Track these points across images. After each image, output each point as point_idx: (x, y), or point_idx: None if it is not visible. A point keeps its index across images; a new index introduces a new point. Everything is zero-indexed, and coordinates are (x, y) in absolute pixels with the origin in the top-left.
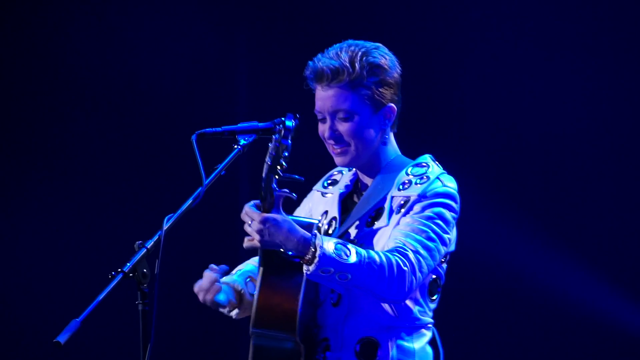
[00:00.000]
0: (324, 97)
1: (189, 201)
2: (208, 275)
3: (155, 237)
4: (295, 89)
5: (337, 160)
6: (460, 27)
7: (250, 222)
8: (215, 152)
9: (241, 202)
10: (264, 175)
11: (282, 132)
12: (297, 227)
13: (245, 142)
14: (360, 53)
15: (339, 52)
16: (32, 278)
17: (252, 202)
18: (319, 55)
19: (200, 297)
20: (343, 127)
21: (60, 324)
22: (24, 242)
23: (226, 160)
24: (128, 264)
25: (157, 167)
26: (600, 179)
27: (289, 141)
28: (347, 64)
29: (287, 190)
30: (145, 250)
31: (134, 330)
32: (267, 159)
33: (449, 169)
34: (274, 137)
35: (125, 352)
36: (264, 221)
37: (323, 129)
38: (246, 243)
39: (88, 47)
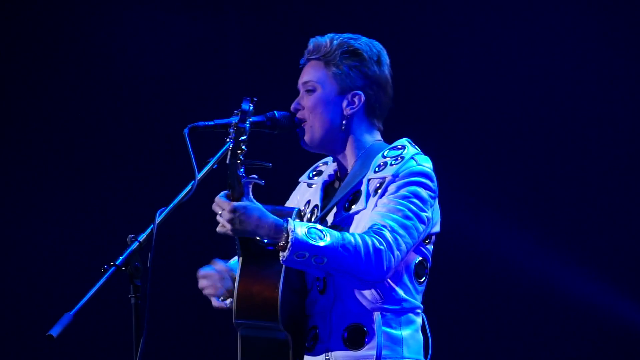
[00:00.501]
0: (303, 70)
1: (181, 195)
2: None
3: (148, 231)
4: (288, 82)
5: (301, 142)
6: (452, 19)
7: (220, 212)
8: (207, 145)
9: None
10: (227, 161)
11: (239, 115)
12: (268, 213)
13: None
14: (345, 36)
15: (331, 34)
16: (25, 272)
17: (223, 193)
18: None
19: (203, 285)
20: (307, 99)
21: (53, 318)
22: (16, 237)
23: (218, 154)
24: (120, 257)
25: (150, 160)
26: (594, 169)
27: (247, 124)
28: (327, 40)
29: (255, 176)
30: (138, 243)
31: (126, 324)
32: (229, 144)
33: (440, 157)
34: (232, 120)
35: (118, 345)
36: (233, 210)
37: None
38: (219, 228)
39: (76, 38)
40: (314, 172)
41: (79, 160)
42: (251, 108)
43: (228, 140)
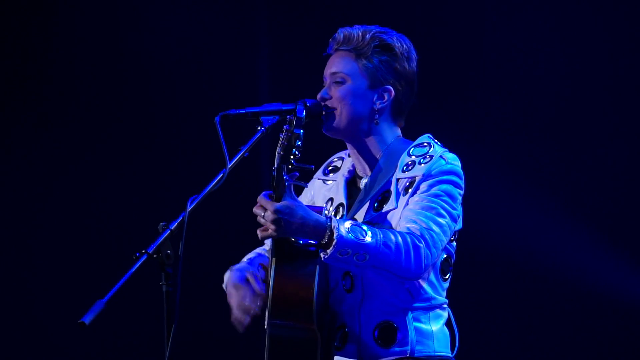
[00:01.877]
0: (329, 61)
1: (213, 182)
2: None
3: (179, 219)
4: (318, 70)
5: (324, 127)
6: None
7: (263, 214)
8: (239, 133)
9: (264, 183)
10: (275, 165)
11: (294, 121)
12: (310, 211)
13: (268, 123)
14: (377, 30)
15: (361, 26)
16: (59, 259)
17: (265, 193)
18: (345, 27)
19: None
20: (335, 90)
21: (86, 305)
22: (50, 224)
23: (250, 142)
24: (152, 245)
25: (181, 148)
26: (615, 153)
27: (301, 130)
28: (360, 32)
29: (297, 174)
30: (169, 231)
31: (158, 311)
32: (279, 149)
33: (458, 144)
34: (284, 127)
35: (150, 332)
36: (277, 210)
37: None
38: (261, 234)
39: (108, 27)
40: (330, 168)
41: (113, 147)
42: (304, 114)
43: (259, 128)
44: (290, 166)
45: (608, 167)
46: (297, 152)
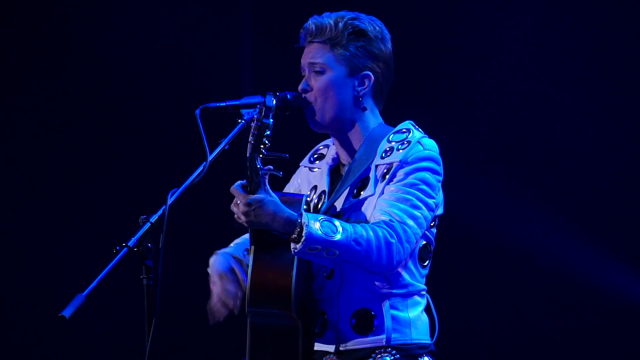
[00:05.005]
0: (305, 52)
1: (193, 176)
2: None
3: (160, 212)
4: (300, 62)
5: (311, 123)
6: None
7: (238, 203)
8: (219, 126)
9: (244, 176)
10: (248, 154)
11: (263, 111)
12: (283, 207)
13: (249, 116)
14: (348, 17)
15: (331, 14)
16: (38, 253)
17: (238, 183)
18: (314, 16)
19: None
20: (315, 80)
21: (66, 298)
22: (29, 218)
23: (230, 135)
24: (133, 238)
25: (162, 141)
26: (597, 145)
27: (270, 120)
28: (332, 22)
29: (272, 167)
30: (150, 224)
31: (138, 305)
32: (250, 138)
33: (440, 132)
34: (255, 116)
35: (130, 326)
36: (249, 203)
37: None
38: (235, 222)
39: (86, 20)
40: (315, 156)
41: (93, 141)
42: (274, 103)
43: (240, 121)
44: (261, 155)
45: (590, 158)
46: (267, 142)
